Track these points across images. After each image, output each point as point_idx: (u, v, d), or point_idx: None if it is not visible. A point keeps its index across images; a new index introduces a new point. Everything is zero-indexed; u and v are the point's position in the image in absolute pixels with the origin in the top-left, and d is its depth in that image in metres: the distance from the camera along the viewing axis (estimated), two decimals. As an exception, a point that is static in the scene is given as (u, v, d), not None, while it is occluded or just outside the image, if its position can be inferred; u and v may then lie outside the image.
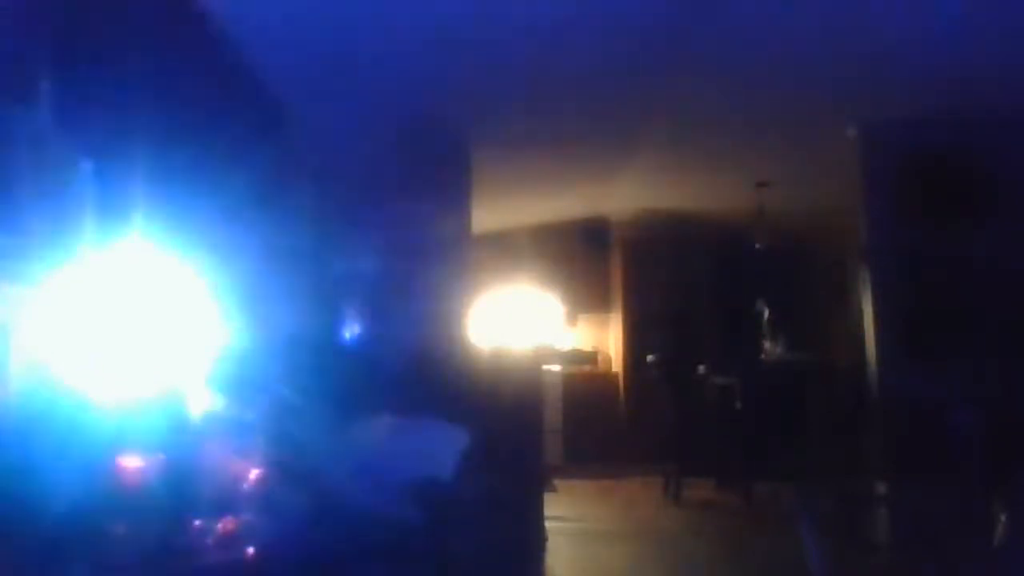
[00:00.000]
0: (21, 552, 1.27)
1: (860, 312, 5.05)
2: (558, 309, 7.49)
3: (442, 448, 2.35)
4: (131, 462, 1.50)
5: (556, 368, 6.95)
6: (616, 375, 7.37)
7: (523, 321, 7.30)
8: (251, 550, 1.56)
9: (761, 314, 6.04)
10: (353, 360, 3.42)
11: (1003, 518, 2.70)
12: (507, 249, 7.30)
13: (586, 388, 7.15)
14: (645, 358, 5.99)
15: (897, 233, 4.73)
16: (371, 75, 3.53)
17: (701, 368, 5.90)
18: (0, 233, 1.49)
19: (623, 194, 6.44)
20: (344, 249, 3.66)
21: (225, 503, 1.64)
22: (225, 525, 1.58)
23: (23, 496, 1.31)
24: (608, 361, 7.57)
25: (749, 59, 3.77)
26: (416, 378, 2.85)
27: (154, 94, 2.02)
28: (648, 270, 7.31)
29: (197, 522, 1.55)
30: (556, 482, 5.62)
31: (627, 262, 7.36)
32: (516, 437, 3.29)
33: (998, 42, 3.65)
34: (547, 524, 3.74)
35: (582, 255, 7.53)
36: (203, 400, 1.76)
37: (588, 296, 7.58)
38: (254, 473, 1.77)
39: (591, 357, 7.45)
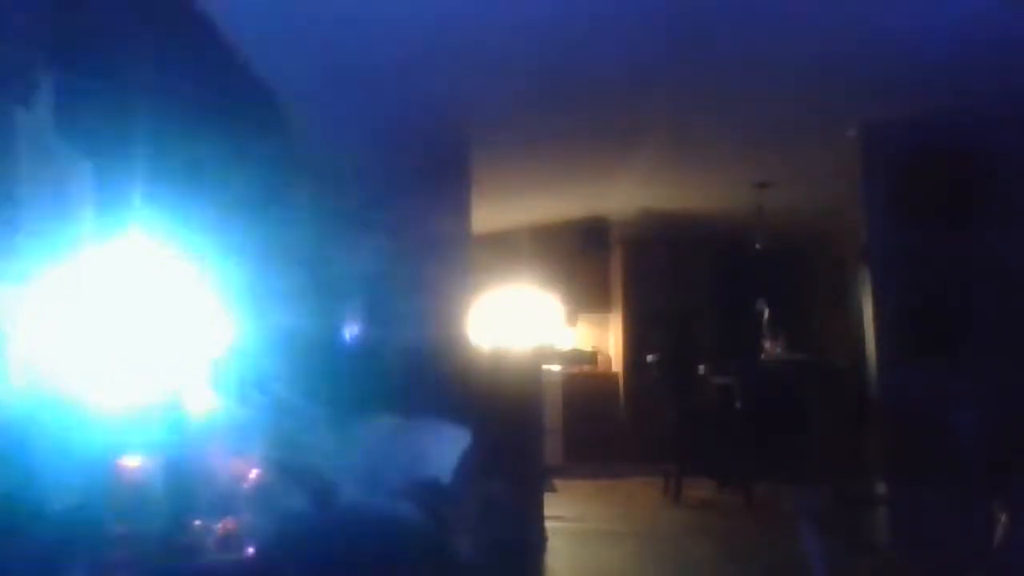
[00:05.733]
0: (22, 552, 1.27)
1: (860, 312, 5.05)
2: (558, 309, 7.49)
3: (442, 448, 2.35)
4: (131, 462, 1.50)
5: (556, 368, 6.95)
6: (616, 375, 7.37)
7: (523, 321, 7.30)
8: (251, 550, 1.56)
9: (761, 314, 6.04)
10: (353, 360, 3.42)
11: (1003, 518, 2.70)
12: (507, 249, 7.30)
13: (586, 388, 7.15)
14: (645, 358, 5.99)
15: (897, 233, 4.72)
16: (371, 75, 3.53)
17: (701, 368, 5.90)
18: (0, 233, 1.49)
19: (623, 194, 6.44)
20: (344, 249, 3.66)
21: (225, 503, 1.64)
22: (225, 525, 1.58)
23: (24, 496, 1.31)
24: (608, 361, 7.57)
25: (749, 59, 3.77)
26: (416, 378, 2.85)
27: (154, 94, 2.02)
28: (648, 270, 7.31)
29: (197, 522, 1.55)
30: (556, 482, 5.62)
31: (627, 262, 7.36)
32: (516, 437, 3.29)
33: (998, 42, 3.65)
34: (547, 524, 3.74)
35: (582, 255, 7.53)
36: (203, 400, 1.76)
37: (588, 296, 7.58)
38: (254, 473, 1.77)
39: (591, 357, 7.45)
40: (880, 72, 3.99)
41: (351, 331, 3.71)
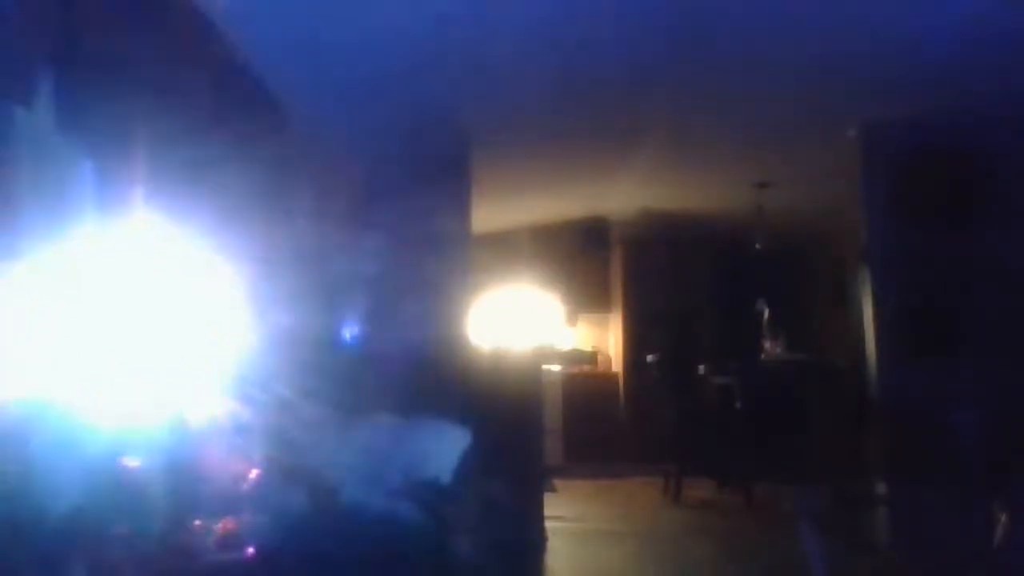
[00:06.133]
0: (23, 552, 1.27)
1: (860, 312, 5.05)
2: (558, 309, 7.49)
3: (442, 448, 2.35)
4: (132, 462, 1.50)
5: (556, 368, 6.95)
6: (616, 375, 7.37)
7: (523, 321, 7.30)
8: (251, 550, 1.56)
9: (761, 314, 6.04)
10: (353, 360, 3.42)
11: (1003, 518, 2.71)
12: (507, 249, 7.30)
13: (586, 388, 7.15)
14: (645, 358, 5.99)
15: (897, 233, 4.72)
16: (372, 75, 3.53)
17: (701, 368, 5.90)
18: (0, 233, 1.48)
19: (623, 194, 6.44)
20: (344, 249, 3.66)
21: (225, 503, 1.64)
22: (225, 525, 1.58)
23: (25, 496, 1.31)
24: (608, 361, 7.57)
25: (749, 59, 3.77)
26: (416, 378, 2.85)
27: (155, 94, 2.02)
28: (648, 270, 7.31)
29: (197, 522, 1.55)
30: (556, 482, 5.62)
31: (627, 262, 7.36)
32: (516, 437, 3.29)
33: (998, 42, 3.65)
34: (547, 524, 3.74)
35: (582, 255, 7.53)
36: (204, 400, 1.76)
37: (588, 296, 7.58)
38: (254, 473, 1.77)
39: (591, 357, 7.45)
40: (880, 72, 3.98)
41: (351, 331, 3.71)
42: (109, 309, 1.64)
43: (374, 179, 4.62)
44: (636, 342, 7.12)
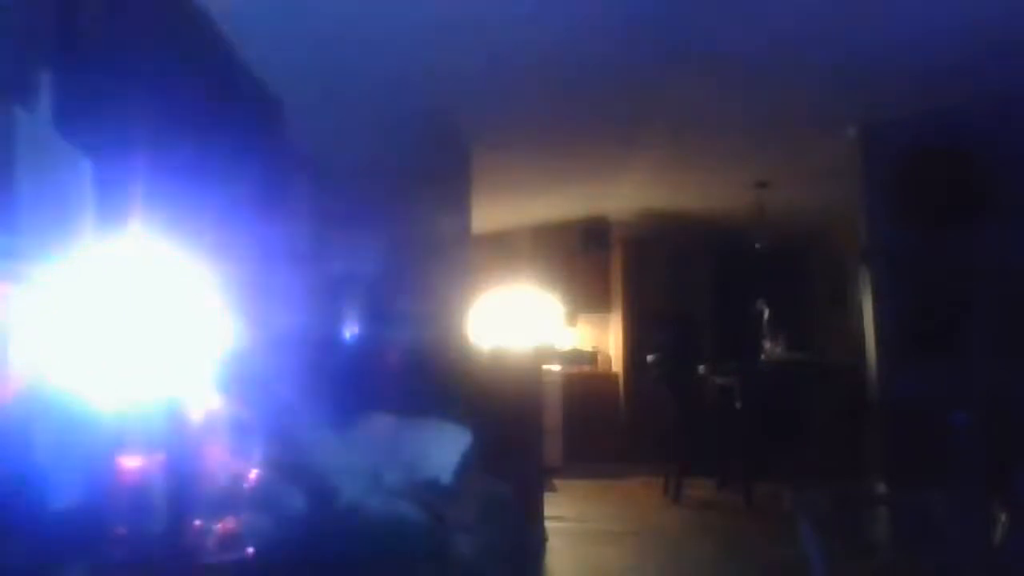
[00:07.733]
0: (21, 552, 1.27)
1: (860, 312, 5.05)
2: (558, 309, 7.49)
3: (442, 448, 2.35)
4: (131, 462, 1.50)
5: (556, 368, 6.95)
6: (616, 375, 7.37)
7: (523, 321, 7.30)
8: (251, 550, 1.56)
9: (761, 314, 6.04)
10: (354, 360, 3.42)
11: (1003, 518, 2.70)
12: (507, 249, 7.31)
13: (586, 388, 7.15)
14: (645, 358, 5.99)
15: (897, 233, 4.73)
16: (372, 75, 3.53)
17: (701, 368, 5.90)
18: (0, 233, 1.48)
19: (623, 194, 6.44)
20: (344, 249, 3.66)
21: (225, 503, 1.64)
22: (225, 525, 1.58)
23: (23, 496, 1.31)
24: (608, 361, 7.57)
25: (749, 59, 3.77)
26: (416, 378, 2.85)
27: (155, 93, 2.02)
28: (648, 270, 7.32)
29: (197, 522, 1.55)
30: (556, 482, 5.62)
31: (627, 262, 7.36)
32: (516, 437, 3.29)
33: (998, 42, 3.65)
34: (547, 524, 3.74)
35: (582, 255, 7.53)
36: (203, 400, 1.76)
37: (588, 296, 7.58)
38: (254, 473, 1.77)
39: (591, 357, 7.46)
40: (880, 72, 3.99)
41: (352, 331, 3.71)
42: (109, 309, 1.64)
43: (374, 179, 4.62)
44: (636, 342, 7.13)
